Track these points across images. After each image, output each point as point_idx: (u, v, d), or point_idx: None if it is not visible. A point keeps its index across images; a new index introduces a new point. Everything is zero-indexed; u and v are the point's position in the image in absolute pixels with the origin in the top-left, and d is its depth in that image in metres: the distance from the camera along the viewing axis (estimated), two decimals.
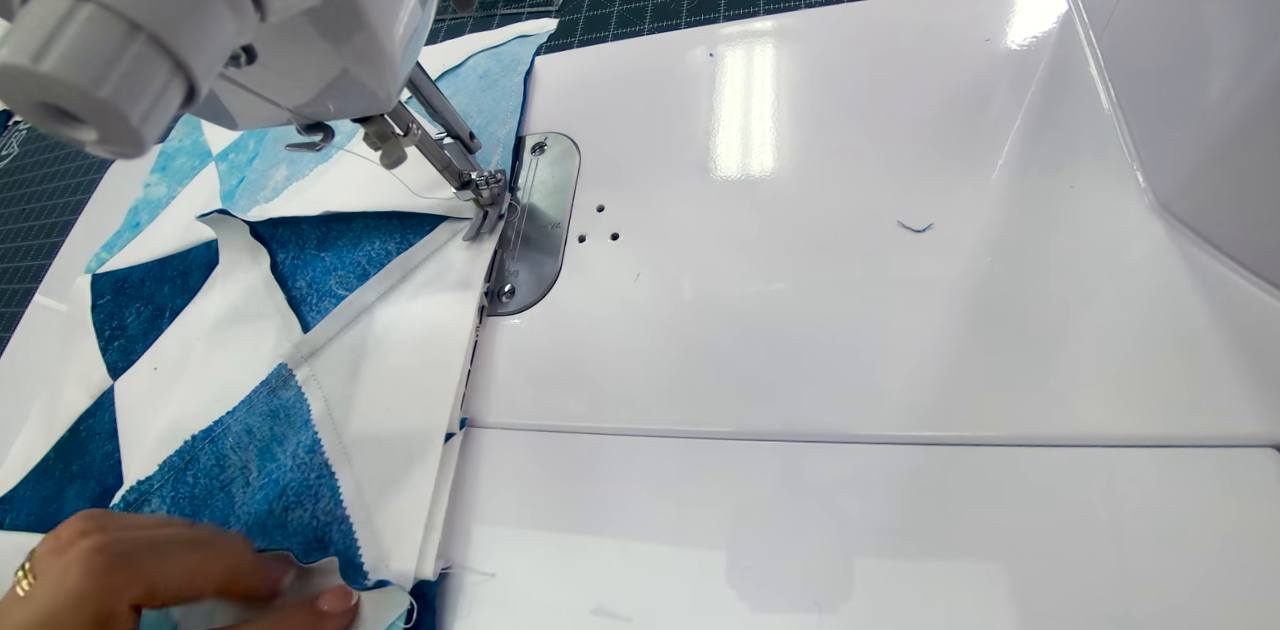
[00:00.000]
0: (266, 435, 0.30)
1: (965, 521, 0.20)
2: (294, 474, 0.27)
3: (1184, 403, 0.20)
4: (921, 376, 0.23)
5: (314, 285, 0.34)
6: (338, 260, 0.34)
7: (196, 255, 0.39)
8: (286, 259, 0.35)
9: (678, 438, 0.24)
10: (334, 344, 0.31)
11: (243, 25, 0.14)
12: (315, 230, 0.35)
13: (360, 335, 0.31)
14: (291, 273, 0.35)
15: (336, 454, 0.28)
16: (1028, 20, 0.29)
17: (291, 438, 0.29)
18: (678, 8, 0.40)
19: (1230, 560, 0.18)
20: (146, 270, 0.40)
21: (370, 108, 0.23)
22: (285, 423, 0.30)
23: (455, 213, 0.32)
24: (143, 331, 0.38)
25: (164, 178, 0.47)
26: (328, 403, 0.29)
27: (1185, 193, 0.22)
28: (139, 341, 0.37)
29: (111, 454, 0.34)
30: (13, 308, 0.48)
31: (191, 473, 0.29)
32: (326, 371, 0.30)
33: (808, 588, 0.20)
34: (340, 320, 0.31)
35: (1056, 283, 0.23)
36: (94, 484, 0.33)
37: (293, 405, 0.30)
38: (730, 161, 0.30)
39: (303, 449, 0.28)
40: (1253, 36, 0.18)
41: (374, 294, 0.32)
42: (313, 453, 0.28)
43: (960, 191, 0.26)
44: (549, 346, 0.28)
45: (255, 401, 0.31)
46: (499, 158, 0.35)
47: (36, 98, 0.12)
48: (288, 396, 0.30)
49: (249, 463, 0.29)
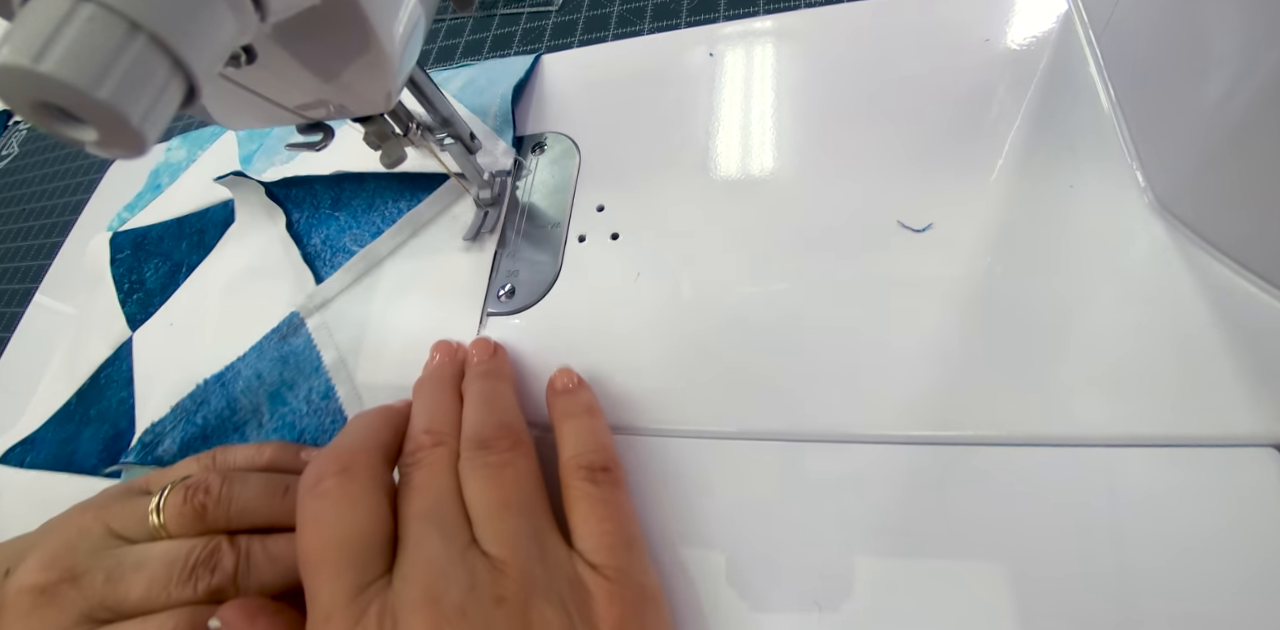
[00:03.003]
0: (276, 380, 0.31)
1: (965, 521, 0.20)
2: (310, 419, 0.29)
3: (1184, 403, 0.20)
4: (921, 376, 0.23)
5: (328, 242, 0.35)
6: (352, 219, 0.35)
7: (214, 214, 0.40)
8: (301, 218, 0.36)
9: (678, 437, 0.24)
10: (345, 295, 0.32)
11: (243, 25, 0.14)
12: (329, 191, 0.36)
13: (371, 287, 0.32)
14: (306, 231, 0.36)
15: (351, 400, 0.29)
16: (1028, 20, 0.29)
17: (303, 384, 0.30)
18: (678, 8, 0.40)
19: (1230, 560, 0.18)
20: (165, 228, 0.42)
21: (370, 107, 0.23)
22: (295, 368, 0.31)
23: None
24: (160, 286, 0.39)
25: (184, 142, 0.48)
26: (339, 351, 0.31)
27: (1185, 193, 0.22)
28: (156, 295, 0.39)
29: (126, 400, 0.35)
30: (13, 308, 0.48)
31: (201, 415, 0.30)
32: (338, 321, 0.32)
33: (808, 588, 0.20)
34: (353, 272, 0.33)
35: (1056, 282, 0.23)
36: (108, 427, 0.35)
37: (303, 352, 0.31)
38: (730, 161, 0.30)
39: (317, 394, 0.30)
40: (1253, 36, 0.18)
41: (386, 248, 0.33)
42: (327, 398, 0.29)
43: (960, 191, 0.26)
44: (549, 346, 0.28)
45: (266, 347, 0.32)
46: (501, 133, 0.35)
47: (36, 98, 0.12)
48: (297, 343, 0.31)
49: (260, 406, 0.30)
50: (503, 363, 0.27)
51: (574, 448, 0.23)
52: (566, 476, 0.22)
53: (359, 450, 0.22)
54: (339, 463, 0.21)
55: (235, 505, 0.24)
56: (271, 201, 0.37)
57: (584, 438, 0.23)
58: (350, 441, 0.22)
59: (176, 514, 0.23)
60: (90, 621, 0.21)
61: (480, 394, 0.25)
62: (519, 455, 0.22)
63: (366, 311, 0.31)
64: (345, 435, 0.23)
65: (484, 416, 0.23)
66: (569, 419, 0.24)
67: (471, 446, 0.22)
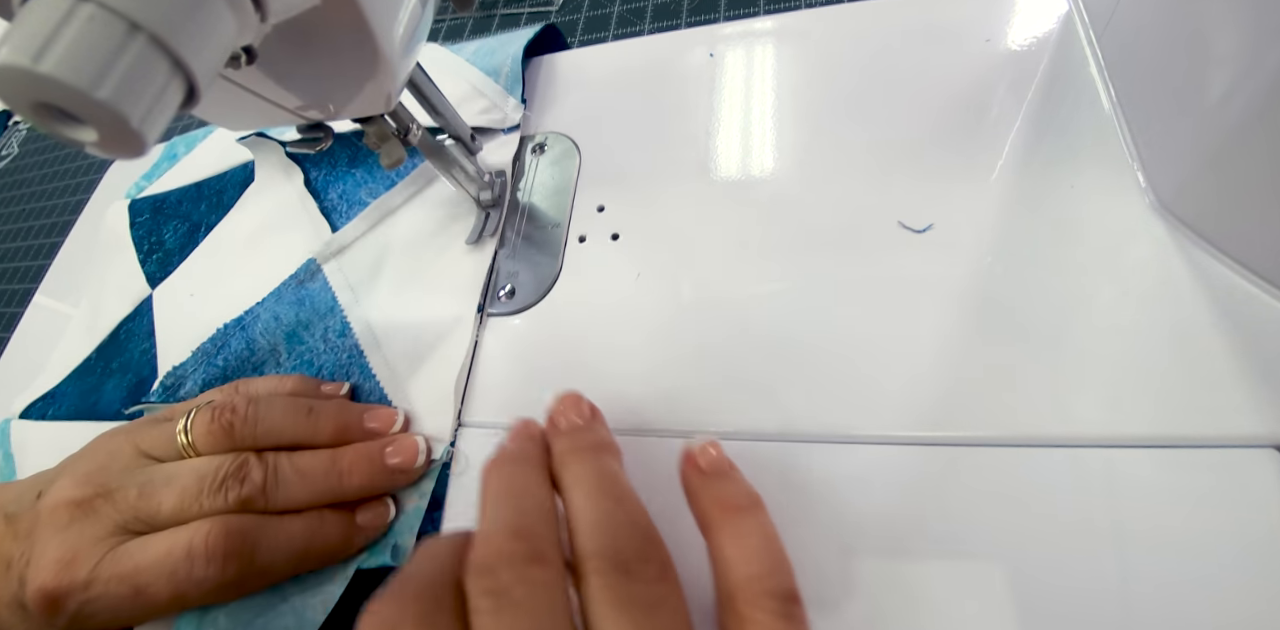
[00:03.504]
0: (293, 321, 0.32)
1: (965, 521, 0.20)
2: (327, 356, 0.30)
3: (1184, 403, 0.20)
4: (921, 376, 0.23)
5: (344, 197, 0.36)
6: (368, 175, 0.36)
7: (232, 175, 0.41)
8: (319, 176, 0.37)
9: (678, 438, 0.24)
10: (360, 242, 0.33)
11: (243, 25, 0.14)
12: (345, 149, 0.37)
13: (385, 236, 0.33)
14: (324, 188, 0.37)
15: (366, 338, 0.30)
16: (1028, 20, 0.29)
17: (318, 323, 0.31)
18: (678, 8, 0.40)
19: (1230, 561, 0.18)
20: (183, 192, 0.42)
21: (370, 108, 0.23)
22: (312, 310, 0.32)
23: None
24: (179, 246, 0.40)
25: None
26: (354, 293, 0.32)
27: (1185, 193, 0.22)
28: (175, 255, 0.39)
29: (148, 350, 0.36)
30: (13, 308, 0.48)
31: (222, 357, 0.32)
32: (353, 266, 0.33)
33: (808, 587, 0.20)
34: (368, 221, 0.34)
35: (1056, 283, 0.23)
36: (131, 376, 0.35)
37: (319, 295, 0.32)
38: (730, 161, 0.30)
39: (333, 333, 0.31)
40: (1253, 36, 0.18)
41: (400, 198, 0.34)
42: (343, 336, 0.30)
43: (960, 191, 0.26)
44: (549, 347, 0.28)
45: (283, 292, 0.33)
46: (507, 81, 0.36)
47: (36, 98, 0.12)
48: (314, 288, 0.32)
49: (277, 346, 0.31)
50: (605, 430, 0.21)
51: (757, 563, 0.17)
52: (744, 604, 0.16)
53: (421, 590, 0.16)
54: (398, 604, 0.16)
55: (262, 425, 0.24)
56: (290, 161, 0.38)
57: (767, 547, 0.17)
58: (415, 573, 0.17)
59: (204, 432, 0.24)
60: (125, 532, 0.22)
61: (595, 482, 0.18)
62: (672, 589, 0.16)
63: (381, 255, 0.32)
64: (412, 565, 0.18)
65: (613, 519, 0.17)
66: (737, 515, 0.18)
67: (606, 568, 0.16)
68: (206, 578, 0.21)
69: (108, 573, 0.21)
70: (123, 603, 0.21)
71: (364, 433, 0.26)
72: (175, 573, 0.21)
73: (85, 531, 0.22)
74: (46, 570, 0.21)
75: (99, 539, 0.22)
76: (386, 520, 0.25)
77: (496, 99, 0.35)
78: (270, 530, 0.22)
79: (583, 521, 0.17)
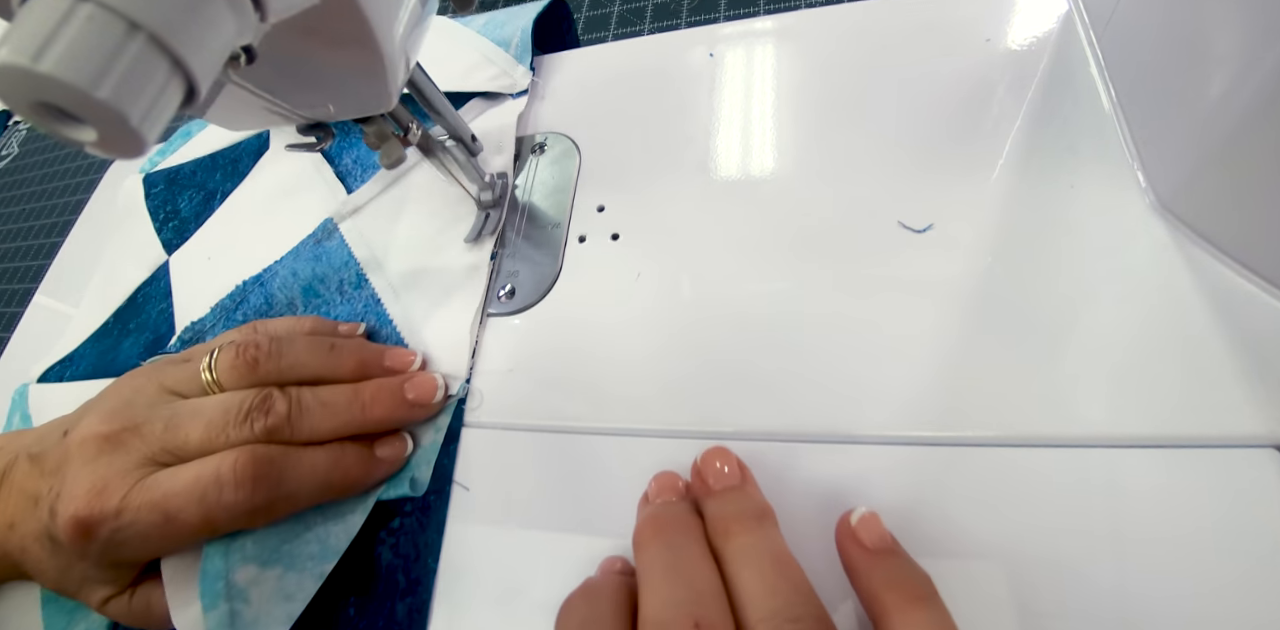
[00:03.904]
0: (310, 276, 0.33)
1: (965, 521, 0.20)
2: (344, 306, 0.31)
3: (1184, 403, 0.20)
4: (921, 376, 0.23)
5: (359, 161, 0.37)
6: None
7: (247, 144, 0.42)
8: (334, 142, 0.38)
9: (678, 438, 0.24)
10: (376, 201, 0.34)
11: (243, 25, 0.14)
12: None
13: (401, 195, 0.34)
14: (338, 153, 0.38)
15: (383, 287, 0.31)
16: (1028, 20, 0.29)
17: (334, 277, 0.32)
18: (678, 8, 0.40)
19: (1230, 560, 0.18)
20: (198, 163, 0.43)
21: (370, 108, 0.23)
22: (328, 265, 0.33)
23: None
24: (195, 214, 0.40)
25: None
26: (370, 249, 0.33)
27: (1185, 193, 0.22)
28: (191, 222, 0.40)
29: (166, 310, 0.37)
30: (13, 308, 0.48)
31: (241, 312, 0.33)
32: (369, 224, 0.34)
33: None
34: (383, 182, 0.35)
35: (1056, 283, 0.23)
36: (148, 334, 0.36)
37: (335, 252, 0.33)
38: (730, 161, 0.30)
39: (349, 285, 0.32)
40: (1253, 36, 0.18)
41: (413, 158, 0.35)
42: (359, 288, 0.31)
43: (960, 191, 0.26)
44: (549, 347, 0.28)
45: (301, 250, 0.34)
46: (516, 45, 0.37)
47: (36, 98, 0.12)
48: (331, 246, 0.34)
49: (295, 300, 0.33)
50: (758, 492, 0.20)
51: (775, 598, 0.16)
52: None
53: None
54: None
55: (285, 359, 0.25)
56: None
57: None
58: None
59: (229, 366, 0.24)
60: (153, 464, 0.23)
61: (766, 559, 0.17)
62: None
63: (396, 213, 0.33)
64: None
65: (790, 596, 0.16)
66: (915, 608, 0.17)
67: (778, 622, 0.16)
68: (236, 502, 0.21)
69: (138, 500, 0.21)
70: (153, 529, 0.21)
71: (383, 370, 0.27)
72: (205, 497, 0.21)
73: (114, 463, 0.22)
74: (78, 499, 0.21)
75: (128, 470, 0.22)
76: (405, 454, 0.26)
77: (506, 66, 0.36)
78: (295, 459, 0.23)
79: (754, 597, 0.17)
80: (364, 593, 0.25)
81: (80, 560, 0.23)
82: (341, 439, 0.24)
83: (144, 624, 0.24)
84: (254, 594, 0.22)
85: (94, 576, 0.23)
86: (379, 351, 0.27)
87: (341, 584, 0.24)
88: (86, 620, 0.27)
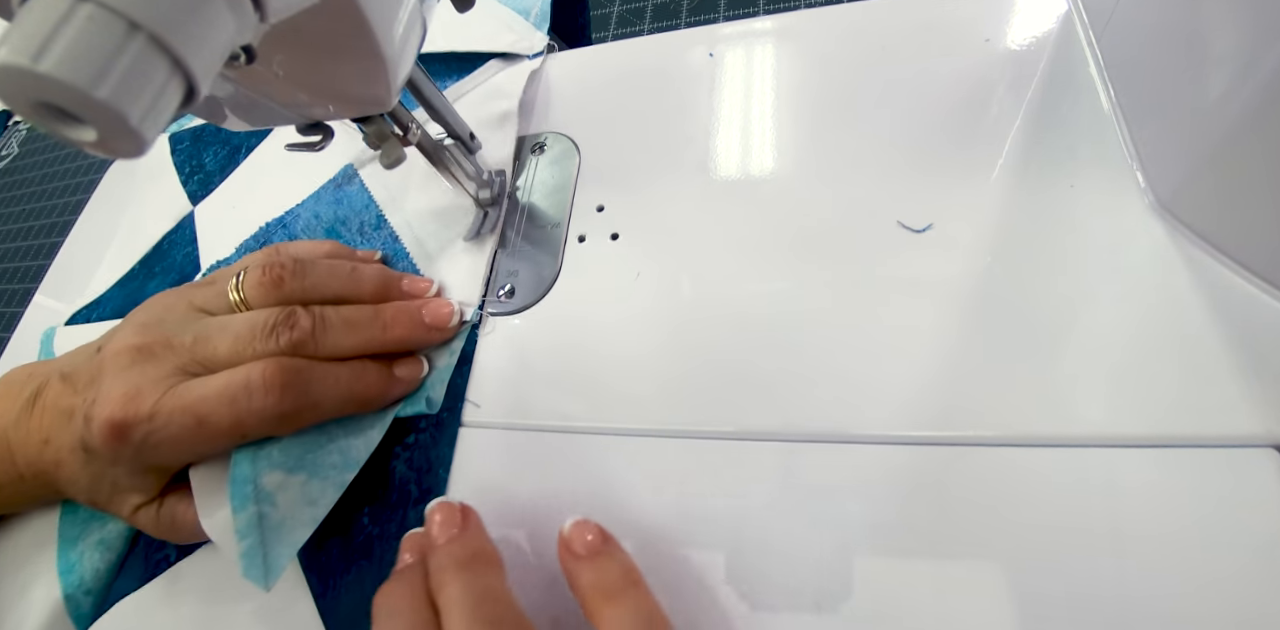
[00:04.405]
0: (332, 218, 0.35)
1: (965, 521, 0.20)
2: (363, 245, 0.33)
3: (1184, 403, 0.20)
4: (921, 376, 0.23)
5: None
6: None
7: None
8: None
9: (678, 437, 0.24)
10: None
11: (243, 25, 0.14)
12: None
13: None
14: None
15: (399, 223, 0.33)
16: (1027, 20, 0.29)
17: (355, 219, 0.34)
18: (678, 8, 0.40)
19: (1230, 561, 0.18)
20: None
21: (370, 108, 0.23)
22: (349, 208, 0.35)
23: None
24: (220, 167, 0.42)
25: None
26: (388, 190, 0.34)
27: (1185, 193, 0.22)
28: (216, 175, 0.42)
29: (191, 253, 0.38)
30: (13, 308, 0.48)
31: None
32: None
33: (808, 588, 0.20)
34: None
35: (1056, 283, 0.23)
36: (174, 275, 0.38)
37: (355, 196, 0.35)
38: (730, 161, 0.30)
39: (369, 226, 0.34)
40: (1253, 36, 0.18)
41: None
42: (379, 228, 0.33)
43: (960, 191, 0.26)
44: (549, 347, 0.28)
45: (323, 194, 0.36)
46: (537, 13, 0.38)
47: (36, 97, 0.12)
48: (351, 190, 0.35)
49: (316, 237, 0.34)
50: (478, 538, 0.20)
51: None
52: None
53: None
54: None
55: (309, 279, 0.26)
56: None
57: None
58: None
59: (255, 285, 0.25)
60: (184, 374, 0.24)
61: (462, 606, 0.18)
62: None
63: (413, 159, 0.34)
64: None
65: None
66: (610, 604, 0.18)
67: None
68: (265, 407, 0.22)
69: (170, 405, 0.22)
70: (185, 433, 0.22)
71: (402, 294, 0.28)
72: (235, 402, 0.22)
73: (147, 372, 0.23)
74: (113, 403, 0.22)
75: (160, 378, 0.23)
76: (421, 374, 0.27)
77: (524, 33, 0.38)
78: (320, 371, 0.24)
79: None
80: (379, 502, 0.26)
81: (113, 466, 0.24)
82: (362, 358, 0.26)
83: (168, 534, 0.25)
84: (280, 498, 0.24)
85: (125, 484, 0.24)
86: (398, 277, 0.29)
87: (358, 496, 0.26)
88: (102, 530, 0.29)
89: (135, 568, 0.29)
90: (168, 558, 0.28)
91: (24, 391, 0.26)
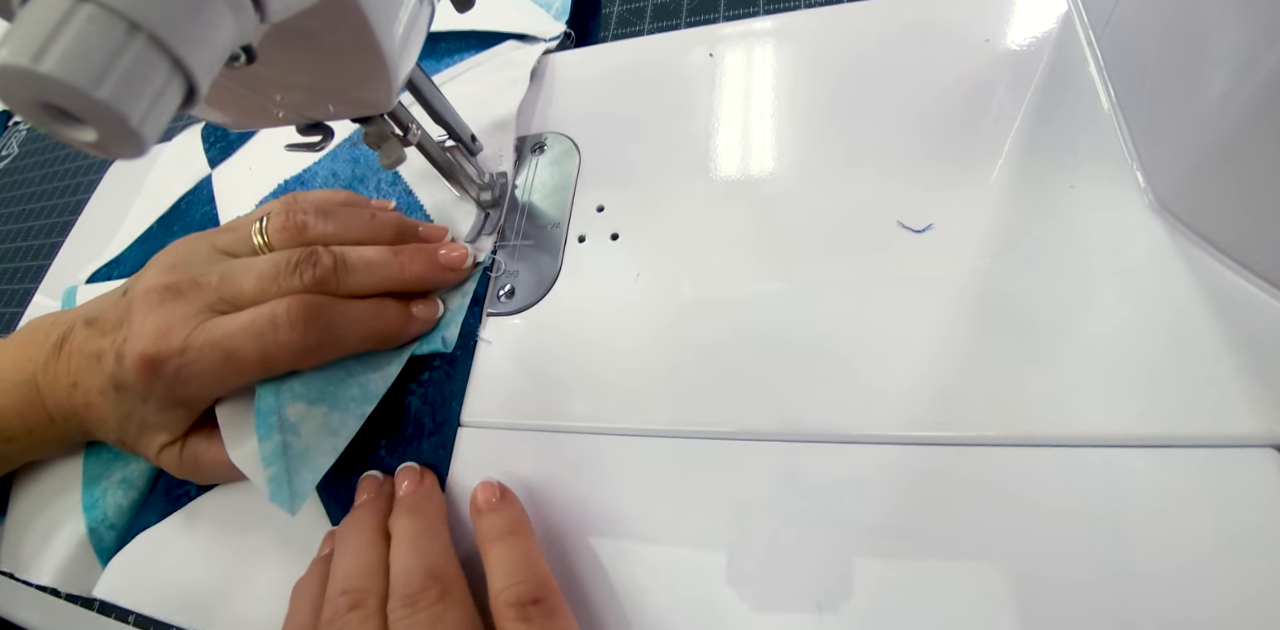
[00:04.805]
0: (349, 176, 0.37)
1: (965, 521, 0.20)
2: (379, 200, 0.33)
3: (1183, 402, 0.20)
4: (921, 376, 0.23)
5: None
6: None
7: None
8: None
9: (678, 438, 0.24)
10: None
11: (243, 25, 0.14)
12: None
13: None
14: None
15: (412, 177, 0.34)
16: (1027, 20, 0.29)
17: (371, 177, 0.36)
18: (678, 8, 0.40)
19: (1230, 561, 0.18)
20: None
21: (370, 108, 0.23)
22: (365, 166, 0.37)
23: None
24: (241, 136, 0.44)
25: None
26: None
27: (1185, 193, 0.22)
28: (237, 143, 0.44)
29: (209, 212, 0.40)
30: (13, 308, 0.48)
31: None
32: None
33: (808, 588, 0.20)
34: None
35: (1056, 283, 0.23)
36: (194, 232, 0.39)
37: (371, 154, 0.36)
38: (730, 161, 0.30)
39: (385, 183, 0.35)
40: (1253, 36, 0.18)
41: (444, 78, 0.39)
42: (394, 184, 0.35)
43: (960, 191, 0.26)
44: (549, 347, 0.28)
45: (339, 153, 0.38)
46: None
47: (36, 98, 0.12)
48: (366, 149, 0.36)
49: None
50: (430, 493, 0.25)
51: (502, 579, 0.21)
52: (497, 615, 0.20)
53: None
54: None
55: (332, 225, 0.27)
56: None
57: (511, 565, 0.21)
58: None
59: (279, 228, 0.27)
60: (212, 311, 0.25)
61: (404, 535, 0.23)
62: (449, 606, 0.20)
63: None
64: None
65: (410, 564, 0.21)
66: (493, 544, 0.22)
67: (398, 605, 0.20)
68: (290, 341, 0.24)
69: (200, 340, 0.23)
70: (214, 366, 0.24)
71: (419, 238, 0.30)
72: (262, 336, 0.23)
73: (176, 309, 0.24)
74: (145, 338, 0.23)
75: (189, 315, 0.24)
76: (436, 314, 0.28)
77: (544, 22, 0.39)
78: (342, 307, 0.25)
79: (393, 571, 0.21)
80: (394, 435, 0.28)
81: (143, 403, 0.25)
82: (382, 297, 0.27)
83: (191, 474, 0.27)
84: (303, 428, 0.25)
85: (153, 421, 0.25)
86: (414, 223, 0.30)
87: (375, 429, 0.28)
88: (125, 469, 0.30)
89: (156, 504, 0.30)
90: (188, 493, 0.30)
91: (49, 338, 0.27)
